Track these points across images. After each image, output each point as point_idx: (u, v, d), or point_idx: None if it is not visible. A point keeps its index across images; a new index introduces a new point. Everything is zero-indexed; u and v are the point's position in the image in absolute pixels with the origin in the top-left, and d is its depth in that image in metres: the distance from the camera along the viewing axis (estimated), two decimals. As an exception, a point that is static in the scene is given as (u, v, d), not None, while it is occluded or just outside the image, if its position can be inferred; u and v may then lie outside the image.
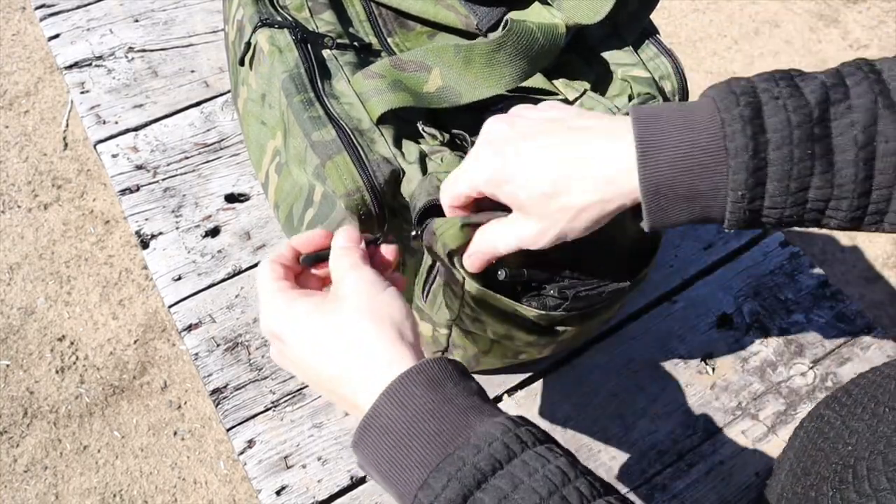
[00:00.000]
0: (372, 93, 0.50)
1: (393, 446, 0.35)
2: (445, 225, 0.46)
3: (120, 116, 0.85)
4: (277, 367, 0.68)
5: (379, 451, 0.36)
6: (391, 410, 0.36)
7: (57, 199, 1.48)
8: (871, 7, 1.90)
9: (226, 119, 0.85)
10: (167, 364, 1.28)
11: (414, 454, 0.35)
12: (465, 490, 0.33)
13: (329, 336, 0.39)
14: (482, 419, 0.36)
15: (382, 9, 0.58)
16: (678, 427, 0.68)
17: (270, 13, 0.55)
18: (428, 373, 0.37)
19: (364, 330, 0.38)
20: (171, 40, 0.92)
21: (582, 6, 0.52)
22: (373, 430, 0.36)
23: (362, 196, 0.47)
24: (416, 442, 0.35)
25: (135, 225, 0.77)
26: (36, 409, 1.23)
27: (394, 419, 0.35)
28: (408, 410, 0.35)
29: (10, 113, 1.60)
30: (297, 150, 0.52)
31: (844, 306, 0.76)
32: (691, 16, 1.88)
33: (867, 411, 0.45)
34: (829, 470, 0.43)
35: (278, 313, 0.40)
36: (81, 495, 1.16)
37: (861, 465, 0.38)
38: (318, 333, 0.39)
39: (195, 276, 0.74)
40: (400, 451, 0.35)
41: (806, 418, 0.54)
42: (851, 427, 0.45)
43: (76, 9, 0.94)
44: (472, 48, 0.50)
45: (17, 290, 1.36)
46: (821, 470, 0.45)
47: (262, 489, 0.62)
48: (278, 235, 0.76)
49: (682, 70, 0.55)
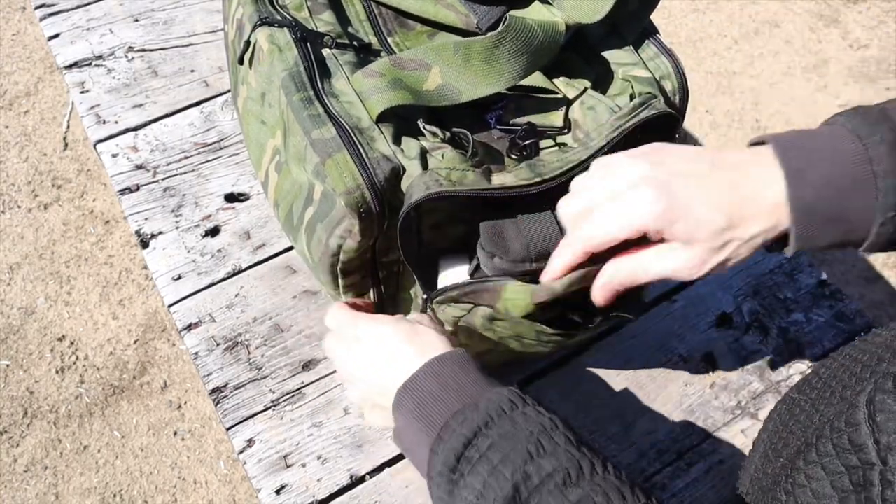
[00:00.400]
0: (371, 91, 0.50)
1: (424, 402, 0.45)
2: (519, 294, 0.48)
3: (120, 116, 0.85)
4: (277, 367, 0.69)
5: (415, 401, 0.46)
6: (425, 380, 0.46)
7: (57, 199, 1.48)
8: (871, 7, 1.90)
9: (226, 119, 0.85)
10: (167, 364, 1.28)
11: (441, 405, 0.44)
12: (475, 426, 0.42)
13: (393, 334, 0.50)
14: (497, 389, 0.45)
15: (382, 8, 0.58)
16: (678, 426, 0.68)
17: (270, 12, 0.55)
18: (459, 358, 0.47)
19: (417, 331, 0.51)
20: (171, 40, 0.92)
21: (582, 5, 0.52)
22: (411, 389, 0.46)
23: (362, 194, 0.47)
24: (445, 396, 0.45)
25: (135, 225, 0.77)
26: (36, 409, 1.23)
27: (428, 384, 0.46)
28: (440, 378, 0.46)
29: (10, 113, 1.60)
30: (297, 149, 0.52)
31: (844, 306, 0.76)
32: (691, 16, 1.88)
33: (835, 395, 0.46)
34: (794, 451, 0.44)
35: (356, 319, 0.53)
36: (81, 495, 1.15)
37: (821, 442, 0.38)
38: (386, 333, 0.51)
39: (195, 276, 0.74)
40: (430, 404, 0.45)
41: (779, 402, 0.55)
42: (820, 410, 0.46)
43: (76, 9, 0.94)
44: (470, 45, 0.50)
45: (17, 290, 1.36)
46: (790, 452, 0.46)
47: (261, 488, 0.62)
48: (278, 235, 0.76)
49: (682, 70, 0.55)
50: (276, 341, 0.70)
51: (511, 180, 0.48)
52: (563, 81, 0.54)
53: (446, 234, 0.52)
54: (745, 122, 1.64)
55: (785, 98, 1.68)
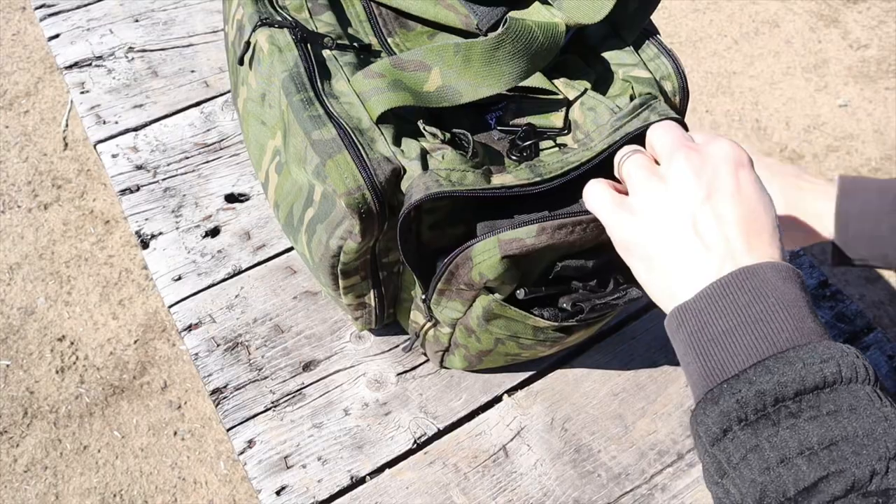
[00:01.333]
0: (372, 92, 0.50)
1: (724, 330, 0.35)
2: (487, 249, 0.46)
3: (120, 116, 0.85)
4: (277, 368, 0.69)
5: (707, 325, 0.36)
6: (736, 294, 0.36)
7: (57, 199, 1.48)
8: (871, 7, 1.90)
9: (226, 119, 0.85)
10: (167, 364, 1.28)
11: (743, 340, 0.35)
12: (777, 394, 0.32)
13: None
14: (824, 336, 0.35)
15: (382, 9, 0.58)
16: (678, 427, 0.68)
17: (270, 13, 0.55)
18: (784, 272, 0.36)
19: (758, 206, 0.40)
20: (171, 40, 0.92)
21: (582, 6, 0.52)
22: (707, 303, 0.36)
23: (363, 194, 0.47)
24: (757, 327, 0.35)
25: (135, 225, 0.77)
26: (36, 409, 1.23)
27: (736, 301, 0.35)
28: (755, 295, 0.35)
29: (10, 113, 1.60)
30: (297, 150, 0.52)
31: (844, 306, 0.76)
32: (691, 16, 1.88)
33: None
34: None
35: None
36: (81, 495, 1.15)
37: None
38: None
39: (195, 276, 0.74)
40: (727, 335, 0.35)
41: None
42: None
43: (76, 9, 0.94)
44: (470, 46, 0.50)
45: (17, 290, 1.36)
46: None
47: (262, 489, 0.62)
48: (278, 235, 0.76)
49: (682, 70, 0.55)
50: (276, 342, 0.70)
51: (511, 181, 0.48)
52: (564, 82, 0.54)
53: (446, 234, 0.52)
54: (745, 122, 1.64)
55: (785, 98, 1.68)
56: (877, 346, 0.74)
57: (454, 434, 0.66)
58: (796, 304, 0.35)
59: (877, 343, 0.74)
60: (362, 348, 0.70)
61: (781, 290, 0.35)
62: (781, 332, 0.34)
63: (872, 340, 0.75)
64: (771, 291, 0.35)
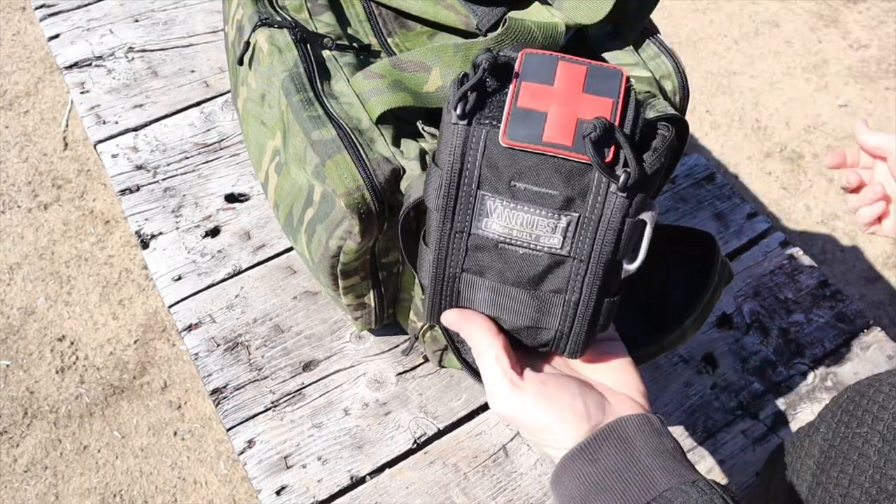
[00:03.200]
0: (371, 93, 0.50)
1: (583, 497, 0.38)
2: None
3: (120, 116, 0.85)
4: (277, 368, 0.69)
5: (571, 498, 0.39)
6: (582, 465, 0.39)
7: (57, 199, 1.48)
8: (871, 7, 1.90)
9: (226, 119, 0.85)
10: (167, 364, 1.28)
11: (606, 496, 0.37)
12: None
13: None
14: (670, 480, 0.37)
15: (382, 9, 0.58)
16: (678, 427, 0.68)
17: (270, 13, 0.55)
18: (619, 431, 0.39)
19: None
20: (171, 40, 0.92)
21: (582, 6, 0.52)
22: (565, 477, 0.39)
23: (362, 195, 0.47)
24: (605, 496, 0.37)
25: (135, 225, 0.77)
26: (36, 409, 1.23)
27: (584, 473, 0.38)
28: (597, 466, 0.38)
29: (10, 113, 1.60)
30: (297, 150, 0.52)
31: (844, 306, 0.76)
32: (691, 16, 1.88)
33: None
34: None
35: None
36: (81, 495, 1.15)
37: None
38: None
39: (195, 276, 0.74)
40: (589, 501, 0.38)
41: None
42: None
43: (76, 9, 0.94)
44: (470, 47, 0.50)
45: (17, 290, 1.36)
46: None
47: (262, 489, 0.62)
48: (278, 235, 0.76)
49: (682, 69, 0.55)
50: (276, 342, 0.70)
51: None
52: (564, 82, 0.54)
53: (446, 235, 0.52)
54: (745, 122, 1.64)
55: (785, 98, 1.68)
56: (877, 346, 0.74)
57: (454, 434, 0.66)
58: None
59: (877, 343, 0.74)
60: (362, 348, 0.70)
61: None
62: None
63: (872, 340, 0.74)
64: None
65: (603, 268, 0.40)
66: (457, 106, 0.39)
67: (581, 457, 0.39)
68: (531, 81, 0.39)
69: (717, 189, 0.85)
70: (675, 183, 0.85)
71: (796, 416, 0.69)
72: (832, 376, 0.72)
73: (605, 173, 0.37)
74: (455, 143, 0.39)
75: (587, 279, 0.40)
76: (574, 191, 0.38)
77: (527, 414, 0.40)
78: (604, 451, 0.39)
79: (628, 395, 0.43)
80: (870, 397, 0.49)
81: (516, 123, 0.38)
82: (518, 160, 0.39)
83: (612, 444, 0.39)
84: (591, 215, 0.39)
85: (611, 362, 0.45)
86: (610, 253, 0.39)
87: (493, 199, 0.39)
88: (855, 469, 0.48)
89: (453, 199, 0.40)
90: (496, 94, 0.39)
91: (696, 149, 1.56)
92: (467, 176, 0.39)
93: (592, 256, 0.39)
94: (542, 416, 0.40)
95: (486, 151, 0.39)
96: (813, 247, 1.47)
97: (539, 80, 0.39)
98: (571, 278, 0.40)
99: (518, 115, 0.39)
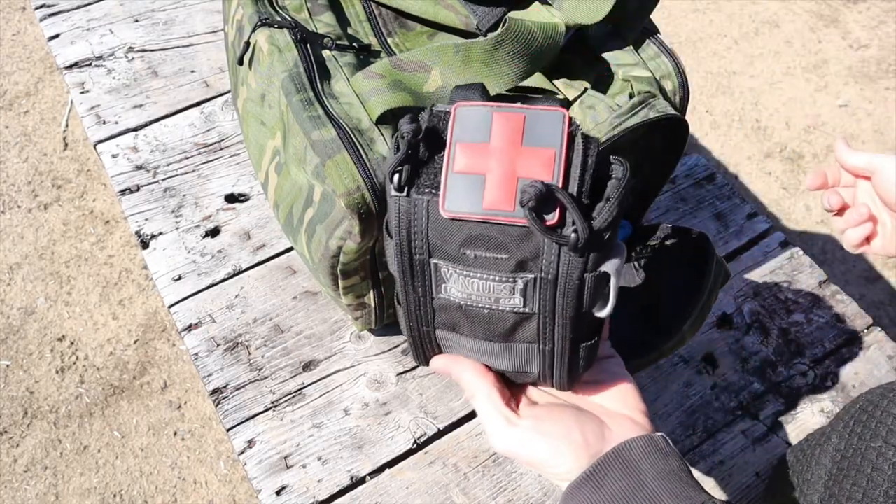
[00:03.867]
0: (371, 93, 0.50)
1: None
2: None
3: (120, 116, 0.85)
4: (277, 368, 0.69)
5: None
6: (588, 493, 0.38)
7: (57, 199, 1.48)
8: (871, 7, 1.90)
9: (226, 119, 0.85)
10: (167, 364, 1.28)
11: None
12: None
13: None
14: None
15: (382, 9, 0.58)
16: (678, 427, 0.68)
17: (270, 13, 0.55)
18: (624, 456, 0.39)
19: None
20: (171, 40, 0.92)
21: (582, 6, 0.52)
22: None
23: (362, 195, 0.47)
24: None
25: (135, 225, 0.77)
26: (36, 409, 1.23)
27: (591, 501, 0.38)
28: (603, 493, 0.38)
29: (10, 113, 1.60)
30: (297, 150, 0.52)
31: (844, 306, 0.76)
32: (691, 16, 1.88)
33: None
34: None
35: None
36: (81, 495, 1.15)
37: None
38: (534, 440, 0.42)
39: (195, 276, 0.74)
40: None
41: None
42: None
43: (76, 9, 0.94)
44: (470, 47, 0.50)
45: (17, 290, 1.36)
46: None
47: (262, 489, 0.62)
48: (278, 235, 0.76)
49: (683, 69, 0.55)
50: (276, 342, 0.70)
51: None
52: (564, 83, 0.54)
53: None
54: (745, 122, 1.64)
55: (785, 98, 1.68)
56: (877, 346, 0.74)
57: (454, 434, 0.66)
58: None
59: (877, 343, 0.74)
60: (362, 348, 0.70)
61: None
62: None
63: (872, 340, 0.74)
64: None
65: (570, 322, 0.38)
66: (392, 178, 0.37)
67: (587, 484, 0.39)
68: (466, 141, 0.37)
69: (717, 189, 0.85)
70: (675, 183, 0.85)
71: (796, 416, 0.69)
72: (832, 376, 0.72)
73: (551, 238, 0.35)
74: (399, 215, 0.37)
75: (557, 331, 0.39)
76: (525, 254, 0.36)
77: (524, 449, 0.40)
78: (610, 478, 0.38)
79: (629, 416, 0.42)
80: (884, 409, 0.49)
81: (455, 192, 0.36)
82: (463, 228, 0.36)
83: (617, 470, 0.39)
84: (547, 276, 0.37)
85: (609, 383, 0.44)
86: (574, 308, 0.38)
87: (447, 266, 0.38)
88: (869, 483, 0.47)
89: (409, 268, 0.39)
90: (432, 160, 0.37)
91: (696, 149, 1.56)
92: (417, 246, 0.38)
93: (557, 313, 0.38)
94: (540, 451, 0.40)
95: (431, 221, 0.37)
96: (813, 247, 1.47)
97: (474, 139, 0.37)
98: (541, 331, 0.39)
99: (455, 182, 0.36)
